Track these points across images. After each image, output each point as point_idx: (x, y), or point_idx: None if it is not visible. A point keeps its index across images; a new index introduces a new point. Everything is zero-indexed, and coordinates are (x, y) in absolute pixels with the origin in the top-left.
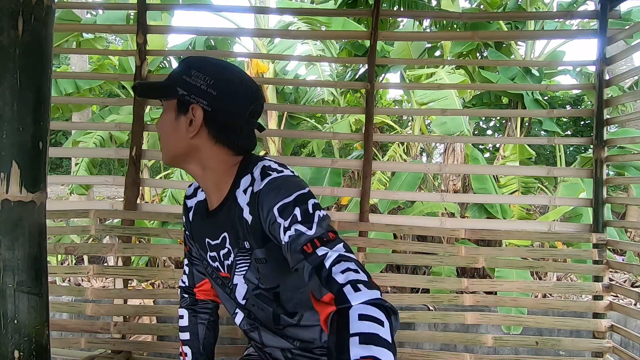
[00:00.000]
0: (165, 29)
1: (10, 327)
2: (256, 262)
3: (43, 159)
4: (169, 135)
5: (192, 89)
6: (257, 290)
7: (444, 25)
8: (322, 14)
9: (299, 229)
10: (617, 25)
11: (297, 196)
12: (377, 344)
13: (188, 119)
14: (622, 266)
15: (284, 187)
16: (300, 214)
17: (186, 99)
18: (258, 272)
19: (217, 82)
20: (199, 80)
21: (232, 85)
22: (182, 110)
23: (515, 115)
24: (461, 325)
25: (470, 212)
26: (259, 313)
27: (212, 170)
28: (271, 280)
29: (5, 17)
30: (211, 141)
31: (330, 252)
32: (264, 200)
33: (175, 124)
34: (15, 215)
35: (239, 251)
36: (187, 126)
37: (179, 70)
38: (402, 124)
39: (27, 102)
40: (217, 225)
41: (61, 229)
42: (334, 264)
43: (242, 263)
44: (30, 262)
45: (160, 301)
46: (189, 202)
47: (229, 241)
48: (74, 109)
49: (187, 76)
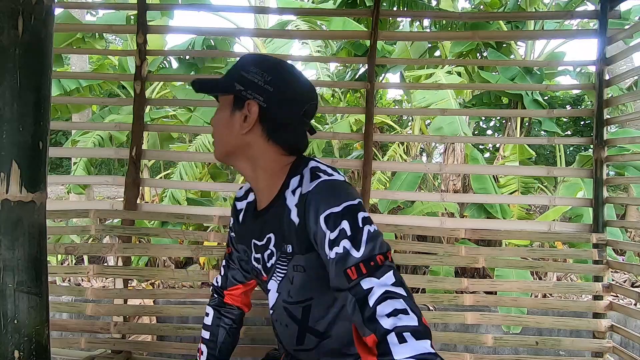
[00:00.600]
0: (165, 29)
1: (10, 327)
2: (294, 269)
3: (43, 159)
4: (223, 130)
5: (249, 84)
6: (285, 304)
7: (444, 25)
8: (322, 13)
9: (346, 247)
10: (617, 25)
11: (346, 207)
12: None
13: (243, 114)
14: (622, 266)
15: (333, 194)
16: (349, 228)
17: (242, 95)
18: (291, 283)
19: (274, 78)
20: (256, 76)
21: (289, 83)
22: (238, 106)
23: (515, 115)
24: (461, 325)
25: (470, 212)
26: (281, 330)
27: (263, 169)
28: (304, 293)
29: (5, 17)
30: (264, 138)
31: (375, 287)
32: (312, 204)
33: (230, 120)
34: (15, 215)
35: (280, 254)
36: (242, 122)
37: (237, 65)
38: (402, 124)
39: (27, 102)
40: (264, 225)
41: (61, 229)
42: (378, 302)
43: (280, 268)
44: (30, 262)
45: (160, 301)
46: (238, 204)
47: (273, 242)
48: (73, 109)
49: (244, 72)
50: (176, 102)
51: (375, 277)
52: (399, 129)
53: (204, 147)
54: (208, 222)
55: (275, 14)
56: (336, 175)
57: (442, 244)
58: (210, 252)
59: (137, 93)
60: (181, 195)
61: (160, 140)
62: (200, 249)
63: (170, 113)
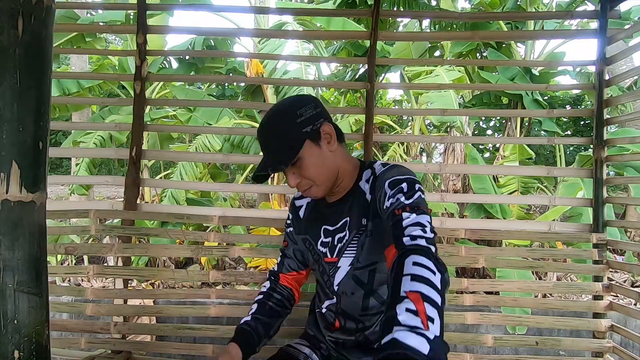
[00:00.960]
0: (165, 29)
1: (10, 327)
2: (365, 236)
3: (43, 159)
4: (322, 166)
5: (311, 119)
6: (355, 271)
7: (444, 25)
8: (322, 14)
9: (399, 198)
10: (617, 25)
11: (408, 177)
12: (426, 284)
13: (325, 139)
14: (622, 266)
15: (400, 171)
16: (406, 187)
17: (314, 129)
18: (362, 248)
19: (313, 103)
20: (308, 110)
21: (313, 99)
22: (317, 138)
23: (515, 115)
24: (461, 325)
25: (470, 212)
26: (347, 300)
27: (348, 167)
28: (370, 257)
29: (5, 17)
30: (340, 143)
31: (412, 215)
32: (382, 178)
33: (322, 153)
34: (15, 215)
35: (357, 232)
36: (327, 145)
37: (287, 123)
38: (402, 124)
39: (27, 102)
40: (339, 212)
41: (61, 229)
42: (410, 224)
43: (354, 243)
44: (30, 262)
45: (160, 301)
46: (297, 202)
47: (349, 225)
48: (73, 109)
49: (299, 118)
50: (176, 102)
51: (416, 213)
52: (399, 129)
53: (204, 147)
54: (208, 222)
55: (275, 14)
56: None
57: (442, 244)
58: (210, 252)
59: (137, 93)
60: (181, 196)
61: (160, 140)
62: (200, 249)
63: (170, 113)
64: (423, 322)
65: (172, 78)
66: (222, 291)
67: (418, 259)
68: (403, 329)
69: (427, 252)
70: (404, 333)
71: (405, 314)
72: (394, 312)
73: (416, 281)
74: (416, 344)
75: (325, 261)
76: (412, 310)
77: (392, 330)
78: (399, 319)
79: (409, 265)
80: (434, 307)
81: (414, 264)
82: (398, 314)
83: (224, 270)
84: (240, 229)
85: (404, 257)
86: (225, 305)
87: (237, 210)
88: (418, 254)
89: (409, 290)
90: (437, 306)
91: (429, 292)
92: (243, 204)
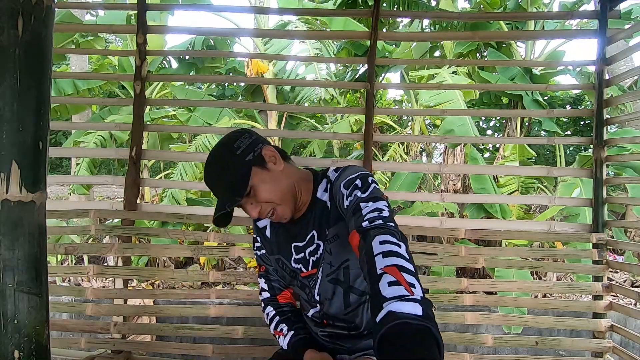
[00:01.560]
0: (165, 29)
1: (10, 327)
2: (330, 242)
3: (43, 159)
4: (277, 184)
5: (249, 147)
6: (330, 276)
7: (444, 25)
8: (323, 14)
9: (356, 194)
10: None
11: (360, 173)
12: (396, 256)
13: (270, 161)
14: (622, 266)
15: (352, 169)
16: (360, 183)
17: (256, 155)
18: (330, 254)
19: (243, 133)
20: (243, 141)
21: (246, 129)
22: (263, 162)
23: (515, 115)
24: (461, 325)
25: (469, 212)
26: (329, 304)
27: (302, 183)
28: (341, 256)
29: (5, 17)
30: (286, 161)
31: (369, 204)
32: (337, 183)
33: (272, 174)
34: (15, 215)
35: (324, 241)
36: (274, 166)
37: (227, 160)
38: (402, 124)
39: (27, 102)
40: (305, 227)
41: (61, 229)
42: (368, 212)
43: (326, 252)
44: (30, 262)
45: (160, 301)
46: (260, 223)
47: (317, 237)
48: (72, 110)
49: (237, 151)
50: (176, 102)
51: (372, 201)
52: (399, 129)
53: (203, 147)
54: (208, 222)
55: (275, 14)
56: None
57: (442, 244)
58: (210, 252)
59: (137, 93)
60: (181, 196)
61: (160, 140)
62: (200, 249)
63: (170, 113)
64: (407, 289)
65: (172, 78)
66: (222, 291)
67: (382, 237)
68: (393, 301)
69: (387, 228)
70: (395, 304)
71: (389, 288)
72: (378, 290)
73: (388, 257)
74: (410, 309)
75: (302, 276)
76: (394, 281)
77: (382, 306)
78: (384, 294)
79: (376, 245)
80: (410, 274)
81: (380, 243)
82: (382, 290)
83: (224, 270)
84: (240, 229)
85: (369, 239)
86: (225, 305)
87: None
88: (380, 233)
89: (383, 266)
90: (412, 272)
91: (401, 263)
92: None
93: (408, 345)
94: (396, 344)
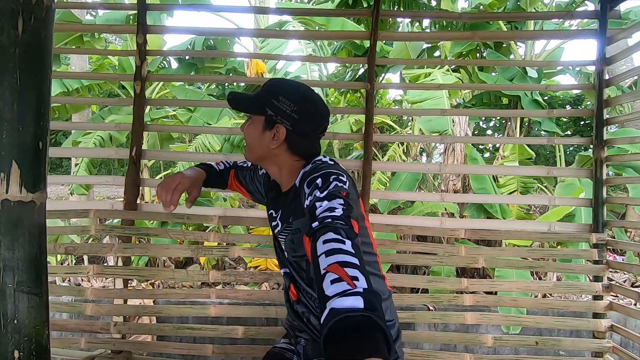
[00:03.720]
0: (165, 29)
1: (10, 327)
2: (292, 233)
3: (43, 159)
4: (255, 143)
5: (279, 111)
6: (292, 259)
7: (444, 25)
8: (322, 14)
9: (315, 194)
10: (617, 25)
11: (324, 171)
12: (339, 253)
13: (272, 133)
14: (622, 266)
15: (318, 167)
16: (320, 181)
17: (273, 119)
18: (293, 242)
19: (300, 108)
20: (285, 105)
21: (312, 110)
22: (268, 127)
23: (515, 115)
24: (461, 325)
25: (469, 212)
26: (300, 272)
27: (287, 171)
28: (302, 249)
29: (5, 17)
30: (288, 151)
31: (324, 203)
32: (304, 178)
33: (261, 136)
34: (15, 215)
35: (285, 226)
36: (271, 139)
37: (269, 90)
38: (402, 124)
39: (27, 102)
40: (281, 202)
41: (61, 229)
42: (322, 212)
43: (283, 234)
44: (30, 262)
45: (160, 301)
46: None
47: (280, 216)
48: (72, 109)
49: (275, 100)
50: (176, 102)
51: (327, 200)
52: (399, 129)
53: (203, 147)
54: (208, 222)
55: (275, 14)
56: (331, 161)
57: (442, 244)
58: (210, 252)
59: (137, 93)
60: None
61: (160, 140)
62: (200, 249)
63: (170, 113)
64: (349, 283)
65: (172, 78)
66: (222, 291)
67: (326, 237)
68: (334, 298)
69: (333, 226)
70: (336, 300)
71: (331, 287)
72: (322, 290)
73: (330, 255)
74: (351, 303)
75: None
76: (335, 278)
77: (326, 305)
78: (327, 293)
79: (320, 246)
80: (354, 267)
81: (324, 243)
82: (325, 289)
83: (224, 270)
84: (241, 229)
85: (315, 241)
86: (225, 305)
87: (237, 210)
88: (325, 232)
89: (326, 265)
90: (356, 266)
91: (344, 258)
92: (243, 204)
93: (351, 341)
94: (339, 342)
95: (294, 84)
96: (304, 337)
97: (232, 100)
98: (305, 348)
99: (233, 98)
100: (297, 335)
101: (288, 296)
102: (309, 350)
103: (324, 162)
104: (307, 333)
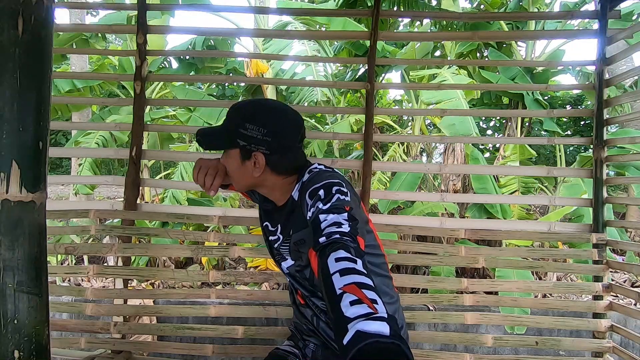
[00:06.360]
0: (165, 29)
1: (10, 327)
2: (295, 245)
3: (43, 159)
4: (239, 176)
5: (251, 140)
6: (297, 268)
7: (444, 25)
8: (322, 14)
9: (318, 205)
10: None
11: (325, 182)
12: (354, 273)
13: (252, 162)
14: (622, 266)
15: (320, 177)
16: (323, 193)
17: (247, 149)
18: (298, 252)
19: (270, 129)
20: (254, 131)
21: (282, 126)
22: (246, 157)
23: (516, 115)
24: (461, 325)
25: (470, 212)
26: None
27: (279, 189)
28: (307, 258)
29: (5, 17)
30: (274, 174)
31: (330, 216)
32: (305, 188)
33: (242, 167)
34: (15, 215)
35: (284, 239)
36: (253, 168)
37: (234, 124)
38: (402, 124)
39: (27, 102)
40: (277, 216)
41: (61, 229)
42: (327, 226)
43: (283, 247)
44: (30, 262)
45: (160, 301)
46: None
47: (280, 230)
48: (73, 109)
49: (242, 129)
50: (176, 102)
51: (332, 213)
52: (399, 129)
53: None
54: (208, 222)
55: (275, 14)
56: (327, 168)
57: (442, 244)
58: (210, 252)
59: (137, 93)
60: (182, 196)
61: (160, 140)
62: (200, 249)
63: (170, 113)
64: (370, 306)
65: (172, 78)
66: (222, 291)
67: (338, 254)
68: (358, 320)
69: (343, 244)
70: (360, 323)
71: (351, 308)
72: (340, 311)
73: (345, 275)
74: (377, 328)
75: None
76: (355, 300)
77: (347, 327)
78: (348, 315)
79: (332, 263)
80: (371, 290)
81: (336, 261)
82: (343, 310)
83: (224, 270)
84: (241, 229)
85: (325, 257)
86: (225, 305)
87: (237, 210)
88: (335, 249)
89: (342, 285)
90: (373, 288)
91: (360, 279)
92: (243, 204)
93: None
94: None
95: (255, 104)
96: (313, 341)
97: (202, 142)
98: (315, 352)
99: (202, 138)
100: (304, 338)
101: (295, 299)
102: (319, 355)
103: (321, 170)
104: (316, 338)
